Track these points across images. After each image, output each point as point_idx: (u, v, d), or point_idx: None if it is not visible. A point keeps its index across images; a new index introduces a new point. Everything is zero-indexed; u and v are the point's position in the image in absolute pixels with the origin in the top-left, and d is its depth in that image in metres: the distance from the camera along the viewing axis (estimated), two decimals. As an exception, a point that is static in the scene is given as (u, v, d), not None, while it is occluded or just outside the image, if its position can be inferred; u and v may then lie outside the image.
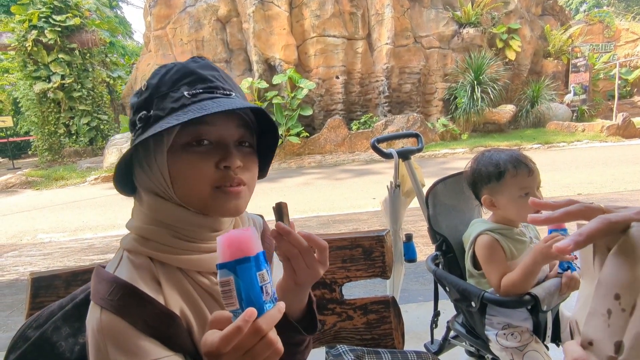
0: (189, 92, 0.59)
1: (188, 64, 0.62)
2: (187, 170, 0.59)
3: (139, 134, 0.60)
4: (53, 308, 0.67)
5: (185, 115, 0.55)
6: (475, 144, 9.76)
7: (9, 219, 6.44)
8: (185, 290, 0.61)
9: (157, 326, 0.54)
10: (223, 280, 0.47)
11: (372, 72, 11.01)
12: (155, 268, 0.60)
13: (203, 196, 0.60)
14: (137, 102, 0.62)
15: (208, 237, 0.64)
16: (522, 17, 11.92)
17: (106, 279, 0.57)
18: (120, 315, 0.53)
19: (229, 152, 0.61)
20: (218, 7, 10.73)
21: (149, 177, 0.62)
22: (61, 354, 0.62)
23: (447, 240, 1.44)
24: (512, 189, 1.20)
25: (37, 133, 13.14)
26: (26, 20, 11.82)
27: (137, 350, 0.52)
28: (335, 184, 7.07)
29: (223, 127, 0.61)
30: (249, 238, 0.49)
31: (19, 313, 2.92)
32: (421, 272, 2.94)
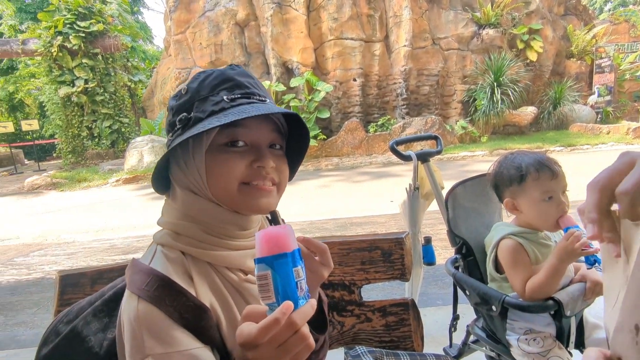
0: (228, 97, 0.63)
1: (226, 71, 0.66)
2: (222, 167, 0.63)
3: (179, 134, 0.64)
4: (83, 304, 0.70)
5: (226, 118, 0.59)
6: (495, 146, 9.59)
7: (34, 219, 6.65)
8: (215, 285, 0.63)
9: (189, 318, 0.57)
10: (261, 274, 0.49)
11: (390, 75, 10.95)
12: (188, 262, 0.62)
13: (233, 192, 0.63)
14: (177, 105, 0.66)
15: (237, 235, 0.67)
16: (544, 18, 11.67)
17: (143, 271, 0.60)
18: (156, 305, 0.56)
19: (262, 153, 0.65)
20: (237, 11, 10.87)
21: (185, 175, 0.65)
22: (90, 348, 0.64)
23: (467, 243, 1.42)
24: (534, 193, 1.18)
25: (62, 136, 13.54)
26: (52, 27, 12.22)
27: (170, 340, 0.54)
28: (353, 186, 7.06)
29: (258, 130, 0.65)
30: (287, 235, 0.51)
31: (44, 310, 3.01)
32: (440, 276, 2.90)
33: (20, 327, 2.78)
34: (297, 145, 0.75)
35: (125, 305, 0.58)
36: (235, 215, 0.66)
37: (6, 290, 3.55)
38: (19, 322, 2.86)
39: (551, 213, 1.16)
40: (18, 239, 5.48)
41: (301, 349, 0.50)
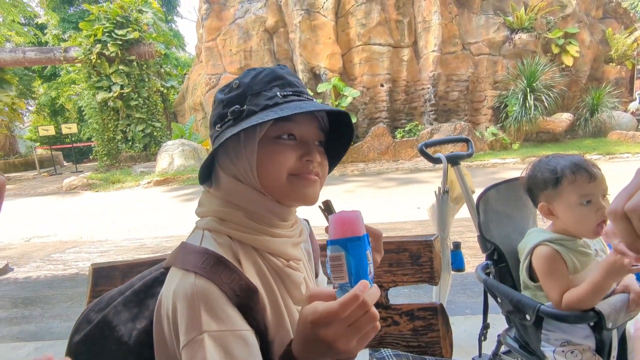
0: (281, 93, 0.67)
1: (276, 70, 0.70)
2: (273, 158, 0.66)
3: (229, 124, 0.67)
4: (113, 293, 0.71)
5: (282, 111, 0.62)
6: (527, 153, 9.27)
7: (71, 218, 6.95)
8: (260, 269, 0.66)
9: (242, 297, 0.59)
10: (334, 255, 0.51)
11: (418, 80, 10.83)
12: (235, 246, 0.65)
13: (282, 182, 0.66)
14: (228, 98, 0.69)
15: (277, 224, 0.70)
16: (581, 21, 11.25)
17: (197, 251, 0.62)
18: (213, 281, 0.58)
19: (311, 148, 0.68)
20: (266, 18, 11.07)
21: (233, 163, 0.68)
22: (120, 337, 0.65)
23: (498, 249, 1.37)
24: (571, 196, 1.12)
25: (98, 139, 14.14)
26: (92, 35, 12.83)
27: (225, 317, 0.56)
28: (379, 192, 6.99)
29: (307, 127, 0.69)
30: (359, 219, 0.53)
31: (78, 304, 3.12)
32: (469, 284, 2.82)
33: (55, 320, 2.90)
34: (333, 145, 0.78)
35: (179, 283, 0.58)
36: (278, 206, 0.69)
37: (44, 284, 3.71)
38: (54, 315, 2.98)
39: (590, 218, 1.10)
40: (55, 236, 5.73)
41: (369, 329, 0.51)
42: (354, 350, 0.51)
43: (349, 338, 0.50)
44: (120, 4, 13.35)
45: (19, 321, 2.92)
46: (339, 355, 0.51)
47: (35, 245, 5.27)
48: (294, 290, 0.69)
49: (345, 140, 0.79)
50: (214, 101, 0.73)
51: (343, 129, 0.77)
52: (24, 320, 2.93)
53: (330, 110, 0.67)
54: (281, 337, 0.64)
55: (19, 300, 3.35)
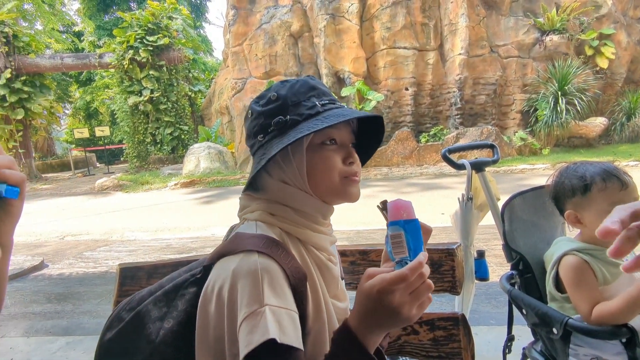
0: (320, 102, 0.72)
1: (309, 80, 0.76)
2: (324, 163, 0.72)
3: (274, 135, 0.71)
4: (143, 293, 0.74)
5: (327, 120, 0.68)
6: (558, 159, 8.95)
7: (102, 218, 7.22)
8: (305, 260, 0.71)
9: (297, 278, 0.64)
10: (395, 234, 0.58)
11: (444, 84, 10.67)
12: (285, 237, 0.71)
13: (334, 184, 0.73)
14: (269, 109, 0.73)
15: (320, 222, 0.76)
16: (617, 22, 10.79)
17: (256, 236, 0.67)
18: (276, 259, 0.62)
19: (351, 151, 0.75)
20: (291, 23, 11.19)
21: (282, 170, 0.73)
22: (148, 335, 0.67)
23: (524, 259, 1.33)
24: (601, 204, 1.07)
25: (129, 141, 14.64)
26: (125, 42, 13.33)
27: (282, 295, 0.60)
28: (400, 197, 6.91)
29: (345, 131, 0.75)
30: (411, 206, 0.60)
31: (107, 302, 3.24)
32: (493, 294, 2.74)
33: (85, 316, 3.01)
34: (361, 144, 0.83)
35: (240, 263, 0.61)
36: (323, 205, 0.75)
37: (75, 281, 3.86)
38: (84, 311, 3.10)
39: None
40: (88, 234, 5.96)
41: (425, 299, 0.56)
42: (414, 316, 0.56)
43: (411, 304, 0.55)
44: (152, 11, 13.82)
45: (52, 316, 3.06)
46: (402, 322, 0.55)
47: (68, 243, 5.50)
48: (331, 284, 0.75)
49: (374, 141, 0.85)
50: (250, 112, 0.77)
51: (371, 132, 0.83)
52: (57, 315, 3.06)
53: (368, 115, 0.75)
54: (317, 330, 0.68)
55: (52, 296, 3.50)
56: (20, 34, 13.66)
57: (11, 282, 3.89)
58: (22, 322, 2.99)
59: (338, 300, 0.77)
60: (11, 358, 2.41)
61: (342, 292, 0.80)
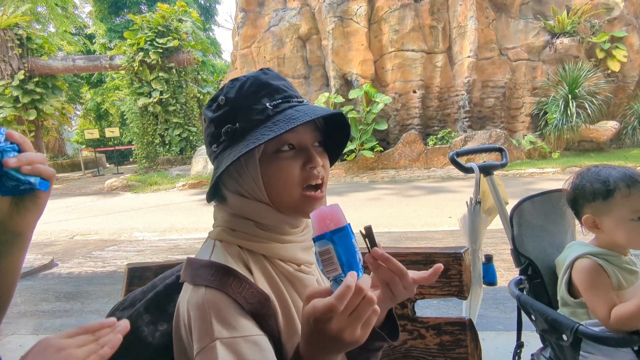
0: (271, 104, 0.64)
1: (260, 76, 0.67)
2: (279, 173, 0.65)
3: (226, 145, 0.65)
4: (136, 293, 0.74)
5: (276, 126, 0.61)
6: (568, 163, 8.85)
7: (111, 218, 7.29)
8: (271, 276, 0.66)
9: (254, 304, 0.59)
10: (323, 250, 0.52)
11: (452, 86, 10.61)
12: (245, 255, 0.65)
13: (294, 198, 0.66)
14: (218, 116, 0.67)
15: (287, 231, 0.69)
16: (629, 24, 10.66)
17: (205, 265, 0.62)
18: (223, 290, 0.58)
19: (311, 154, 0.66)
20: (299, 25, 11.23)
21: (237, 182, 0.67)
22: (144, 337, 0.68)
23: (533, 264, 1.31)
24: (623, 211, 1.06)
25: (138, 142, 14.78)
26: (135, 44, 13.48)
27: (236, 325, 0.57)
28: (405, 200, 6.88)
29: (303, 132, 0.67)
30: (339, 211, 0.54)
31: (114, 301, 3.24)
32: (501, 299, 2.72)
33: (93, 315, 3.04)
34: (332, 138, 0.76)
35: (190, 296, 0.59)
36: (288, 217, 0.68)
37: (84, 280, 3.90)
38: (93, 310, 3.13)
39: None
40: (97, 234, 6.02)
41: (370, 314, 0.52)
42: (360, 338, 0.52)
43: (353, 327, 0.51)
44: (162, 13, 13.97)
45: (61, 314, 3.09)
46: (347, 346, 0.52)
47: (78, 243, 5.57)
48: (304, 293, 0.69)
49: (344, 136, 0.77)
50: (204, 119, 0.72)
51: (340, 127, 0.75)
52: (66, 314, 3.09)
53: (324, 114, 0.64)
54: (294, 342, 0.64)
55: (61, 295, 3.54)
56: (34, 37, 13.90)
57: (21, 281, 3.93)
58: (32, 320, 3.02)
59: None
60: (20, 355, 2.43)
61: None
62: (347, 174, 10.16)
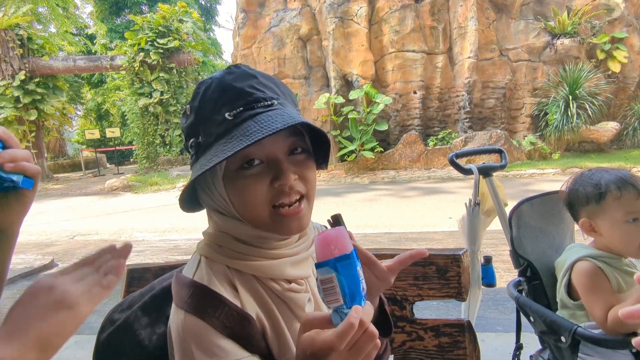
0: (230, 114, 0.57)
1: (224, 78, 0.59)
2: (243, 193, 0.59)
3: (194, 160, 0.62)
4: (135, 295, 0.74)
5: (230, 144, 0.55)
6: (568, 164, 8.85)
7: (111, 218, 7.29)
8: (260, 295, 0.62)
9: (233, 327, 0.56)
10: (325, 278, 0.48)
11: (453, 87, 10.62)
12: (232, 275, 0.61)
13: (263, 217, 0.60)
14: (186, 128, 0.63)
15: (277, 245, 0.64)
16: (630, 25, 10.65)
17: (186, 284, 0.59)
18: (200, 316, 0.55)
19: (280, 169, 0.59)
20: (300, 26, 11.23)
21: (210, 198, 0.64)
22: (141, 341, 0.67)
23: (532, 266, 1.31)
24: (616, 213, 1.07)
25: (138, 143, 14.80)
26: (136, 44, 13.50)
27: (218, 352, 0.54)
28: (405, 201, 6.88)
29: (271, 143, 0.59)
30: (345, 236, 0.50)
31: (115, 302, 3.25)
32: (501, 300, 2.72)
33: (93, 315, 3.01)
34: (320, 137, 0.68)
35: (173, 318, 0.58)
36: (268, 232, 0.63)
37: (84, 280, 3.90)
38: (93, 311, 3.13)
39: (636, 237, 1.04)
40: (97, 234, 6.03)
41: (370, 348, 0.49)
42: None
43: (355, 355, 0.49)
44: (163, 14, 13.99)
45: (60, 315, 3.09)
46: None
47: (78, 243, 5.57)
48: (298, 312, 0.64)
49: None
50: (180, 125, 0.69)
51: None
52: (65, 315, 3.09)
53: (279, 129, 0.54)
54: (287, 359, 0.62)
55: (61, 295, 3.54)
56: (35, 37, 13.92)
57: (21, 281, 3.95)
58: (32, 320, 3.02)
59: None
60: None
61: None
62: (347, 175, 10.16)
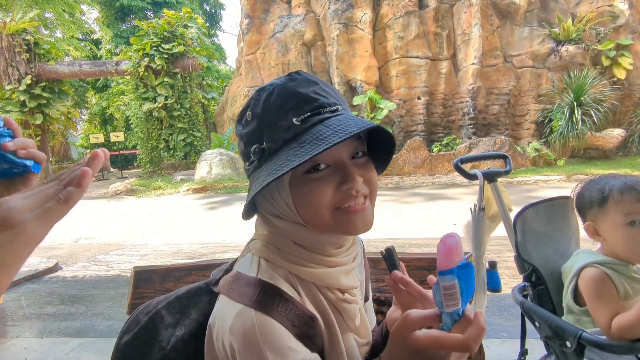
0: (298, 119, 0.58)
1: (287, 85, 0.60)
2: (309, 197, 0.60)
3: (256, 166, 0.62)
4: (161, 299, 0.72)
5: (303, 149, 0.56)
6: (573, 171, 8.81)
7: (115, 222, 7.32)
8: (319, 302, 0.63)
9: (300, 326, 0.57)
10: (448, 285, 0.50)
11: (457, 93, 10.63)
12: (293, 279, 0.62)
13: (327, 220, 0.61)
14: (247, 134, 0.63)
15: (332, 252, 0.65)
16: (635, 32, 10.66)
17: (252, 283, 0.60)
18: (271, 315, 0.56)
19: (348, 172, 0.60)
20: (304, 32, 11.31)
21: (271, 204, 0.64)
22: (160, 342, 0.66)
23: (537, 271, 1.31)
24: (616, 216, 1.08)
25: (142, 147, 14.87)
26: (141, 49, 13.61)
27: (289, 352, 0.55)
28: (409, 207, 6.87)
29: (337, 147, 0.59)
30: (461, 245, 0.53)
31: (119, 305, 3.27)
32: (506, 306, 2.70)
33: (98, 318, 3.05)
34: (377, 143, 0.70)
35: (236, 320, 0.56)
36: (330, 236, 0.64)
37: (88, 283, 3.92)
38: (97, 314, 3.14)
39: (637, 240, 1.05)
40: (101, 238, 6.05)
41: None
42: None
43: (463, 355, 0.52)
44: (168, 19, 14.11)
45: (65, 317, 3.10)
46: None
47: (82, 246, 5.59)
48: (349, 322, 0.65)
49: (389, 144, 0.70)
50: (236, 133, 0.68)
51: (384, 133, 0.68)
52: (70, 317, 3.10)
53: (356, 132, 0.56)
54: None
55: (66, 298, 3.55)
56: (41, 42, 14.05)
57: (26, 284, 3.96)
58: (36, 322, 3.04)
59: (358, 336, 0.69)
60: (25, 358, 2.44)
61: (364, 327, 0.71)
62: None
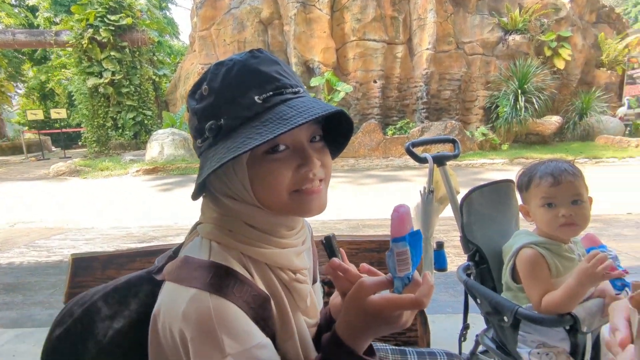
0: (260, 97, 0.57)
1: (249, 61, 0.58)
2: (268, 177, 0.59)
3: (210, 143, 0.60)
4: (98, 289, 0.68)
5: (265, 128, 0.54)
6: (515, 155, 9.38)
7: (57, 204, 6.85)
8: (272, 282, 0.63)
9: (256, 308, 0.57)
10: (401, 251, 0.54)
11: (411, 77, 10.85)
12: (246, 260, 0.61)
13: (283, 201, 0.61)
14: (201, 109, 0.60)
15: (284, 234, 0.65)
16: (574, 25, 11.35)
17: (203, 265, 0.57)
18: (228, 298, 0.54)
19: (307, 155, 0.60)
20: (261, 9, 10.96)
21: (225, 185, 0.63)
22: (95, 335, 0.62)
23: (480, 251, 1.39)
24: (535, 199, 1.20)
25: (87, 125, 13.92)
26: (84, 20, 12.57)
27: (245, 333, 0.54)
28: (363, 188, 7.01)
29: (297, 130, 0.59)
30: (410, 213, 0.57)
31: (60, 292, 3.07)
32: (451, 283, 2.85)
33: (37, 307, 2.87)
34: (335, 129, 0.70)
35: (190, 304, 0.53)
36: (282, 217, 0.64)
37: (26, 271, 3.66)
38: (36, 302, 2.95)
39: (550, 221, 1.16)
40: (41, 222, 5.65)
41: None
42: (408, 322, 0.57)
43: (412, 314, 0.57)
44: (113, -12, 13.10)
45: (0, 307, 2.89)
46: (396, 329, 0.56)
47: (19, 231, 5.20)
48: (300, 302, 0.66)
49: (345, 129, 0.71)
50: (187, 107, 0.65)
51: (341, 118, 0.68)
52: (5, 307, 2.89)
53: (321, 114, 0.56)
54: (288, 347, 0.62)
55: (0, 286, 3.30)
56: (-35, 6, 12.59)
57: (-46, 273, 3.63)
58: (-34, 314, 2.80)
59: (308, 317, 0.69)
60: (-47, 353, 2.26)
61: (313, 308, 0.72)
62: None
